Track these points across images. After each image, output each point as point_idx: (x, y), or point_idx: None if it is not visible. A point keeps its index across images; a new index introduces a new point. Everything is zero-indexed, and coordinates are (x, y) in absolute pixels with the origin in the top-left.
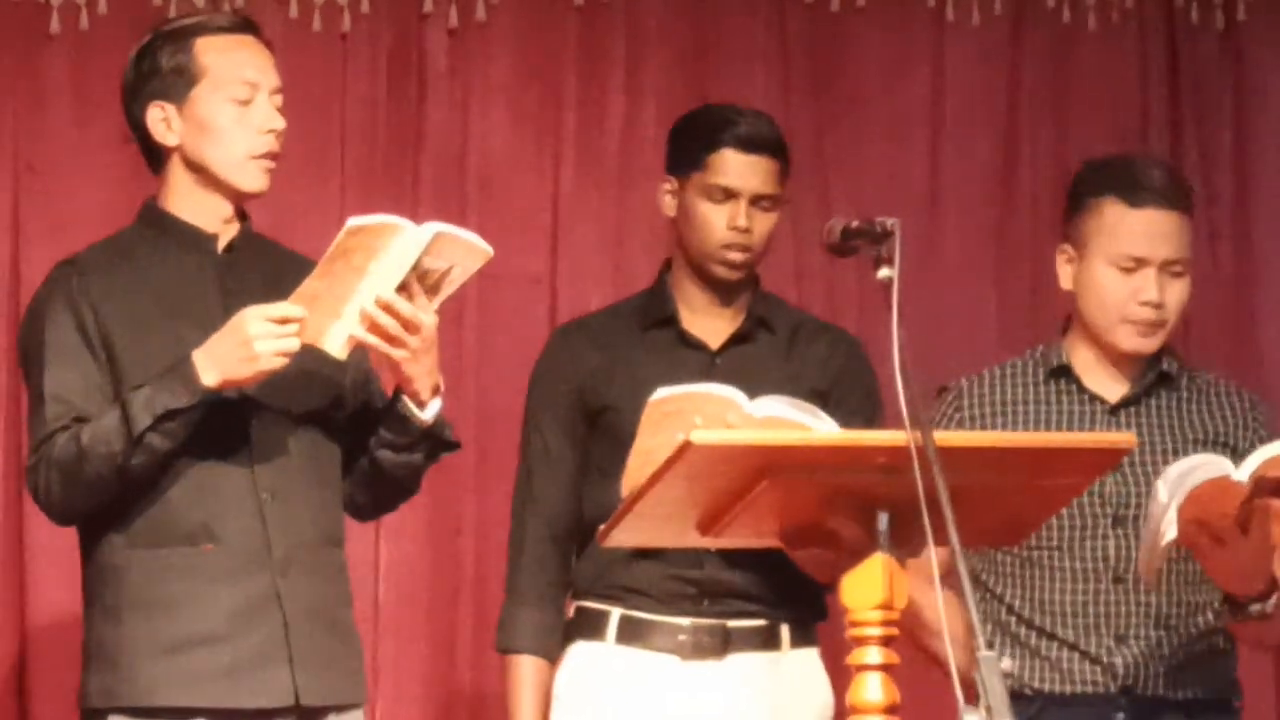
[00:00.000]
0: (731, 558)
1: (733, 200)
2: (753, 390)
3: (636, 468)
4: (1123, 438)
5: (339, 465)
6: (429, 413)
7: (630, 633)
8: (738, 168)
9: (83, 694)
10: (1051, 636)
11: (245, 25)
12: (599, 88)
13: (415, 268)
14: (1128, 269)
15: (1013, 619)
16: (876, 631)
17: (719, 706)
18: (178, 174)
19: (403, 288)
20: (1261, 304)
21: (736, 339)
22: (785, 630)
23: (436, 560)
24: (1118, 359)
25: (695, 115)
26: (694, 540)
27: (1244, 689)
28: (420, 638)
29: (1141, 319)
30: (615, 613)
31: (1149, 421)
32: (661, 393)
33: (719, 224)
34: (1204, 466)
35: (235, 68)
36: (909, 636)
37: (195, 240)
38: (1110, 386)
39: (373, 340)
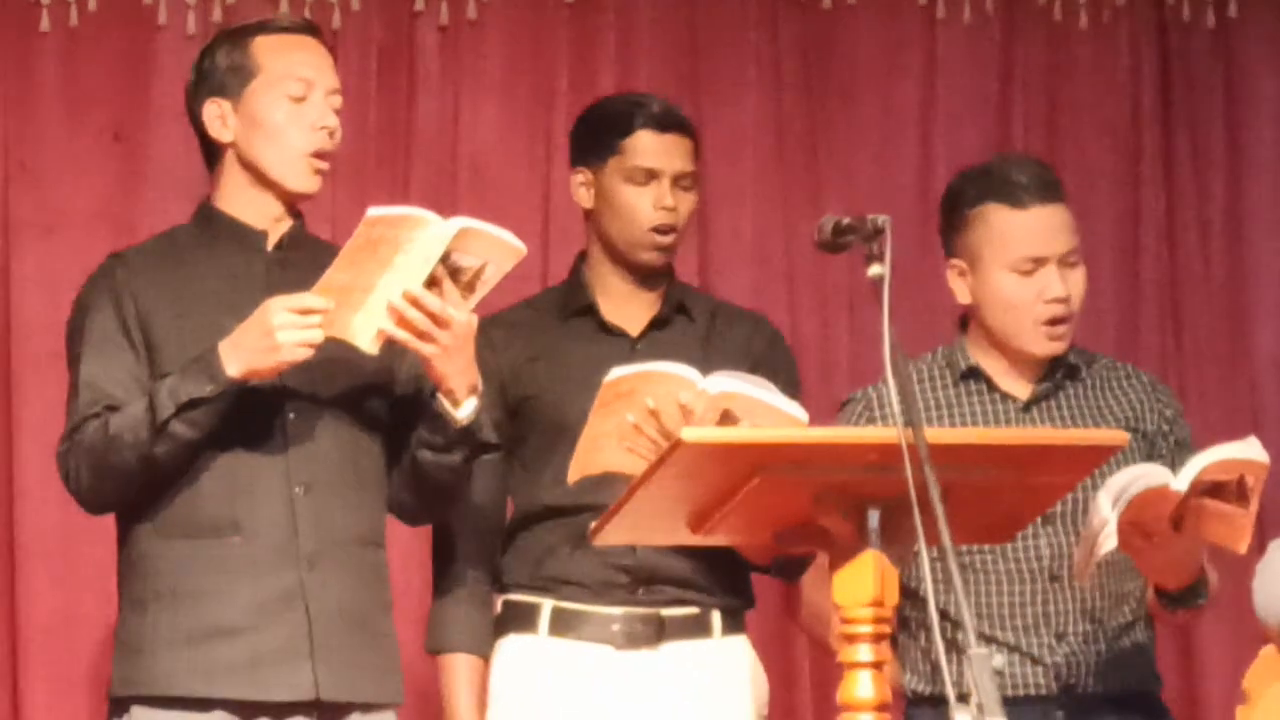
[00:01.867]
0: (665, 546)
1: (655, 181)
2: None
3: (586, 451)
4: (1113, 435)
5: (382, 464)
6: (464, 411)
7: (563, 624)
8: (657, 148)
9: (110, 682)
10: (991, 639)
11: (305, 27)
12: (590, 85)
13: (446, 263)
14: (1027, 271)
15: (948, 625)
16: (867, 629)
17: (655, 695)
18: (231, 171)
19: (434, 283)
20: (1253, 302)
21: (655, 325)
22: (716, 618)
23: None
24: (1026, 359)
25: (600, 106)
26: (685, 538)
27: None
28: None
29: (1052, 316)
30: (547, 604)
31: (1061, 416)
32: (615, 373)
33: (645, 207)
34: (1144, 477)
35: (291, 65)
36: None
37: (244, 237)
38: (1019, 385)
39: (401, 335)
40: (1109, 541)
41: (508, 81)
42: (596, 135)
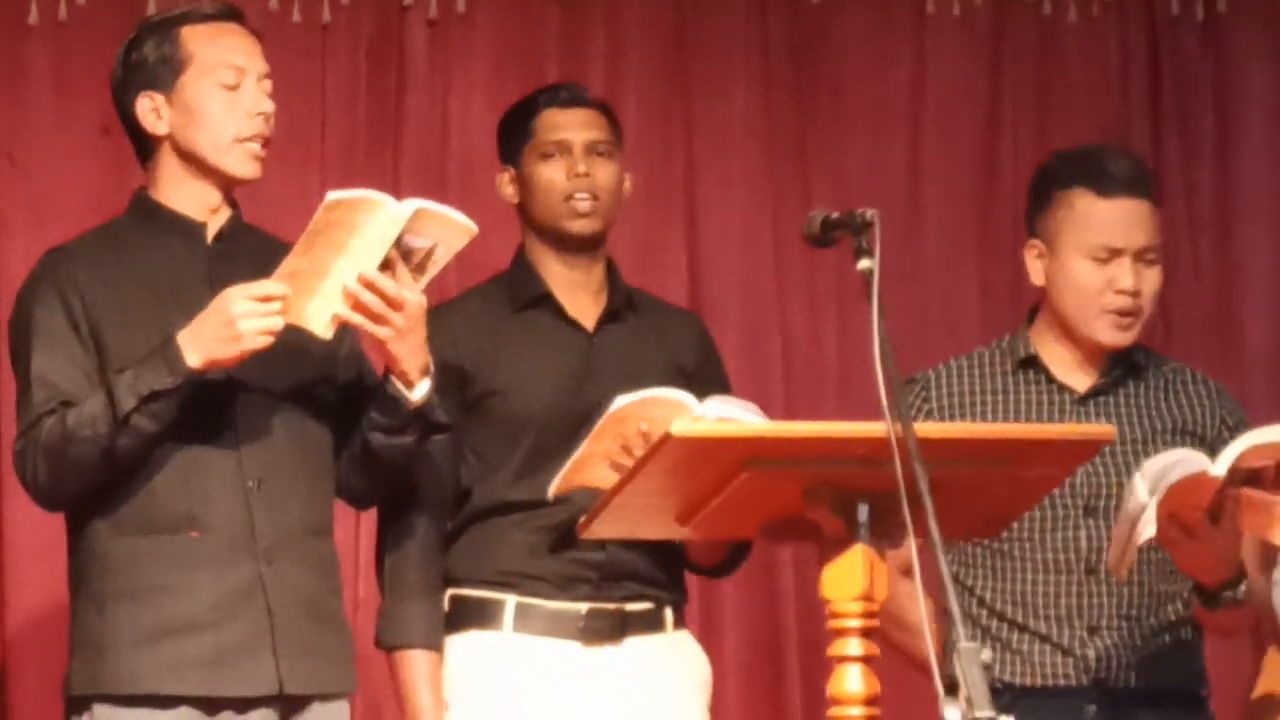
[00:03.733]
0: (629, 542)
1: (566, 154)
2: (632, 369)
3: (574, 469)
4: (1102, 429)
5: (330, 451)
6: (418, 393)
7: (528, 620)
8: (563, 121)
9: (67, 682)
10: (1023, 629)
11: (230, 13)
12: (579, 79)
13: (399, 245)
14: (1102, 259)
15: (984, 611)
16: (856, 623)
17: (618, 690)
18: (168, 163)
19: (386, 266)
20: (1243, 295)
21: (608, 318)
22: (669, 612)
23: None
24: (1088, 350)
25: (515, 104)
26: (674, 531)
27: (1210, 679)
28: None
29: (1119, 308)
30: (511, 600)
31: (1117, 412)
32: (619, 402)
33: (558, 178)
34: (1182, 463)
35: (221, 53)
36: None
37: (184, 229)
38: (1078, 377)
39: (357, 319)
40: (1148, 529)
41: (497, 76)
42: (510, 130)
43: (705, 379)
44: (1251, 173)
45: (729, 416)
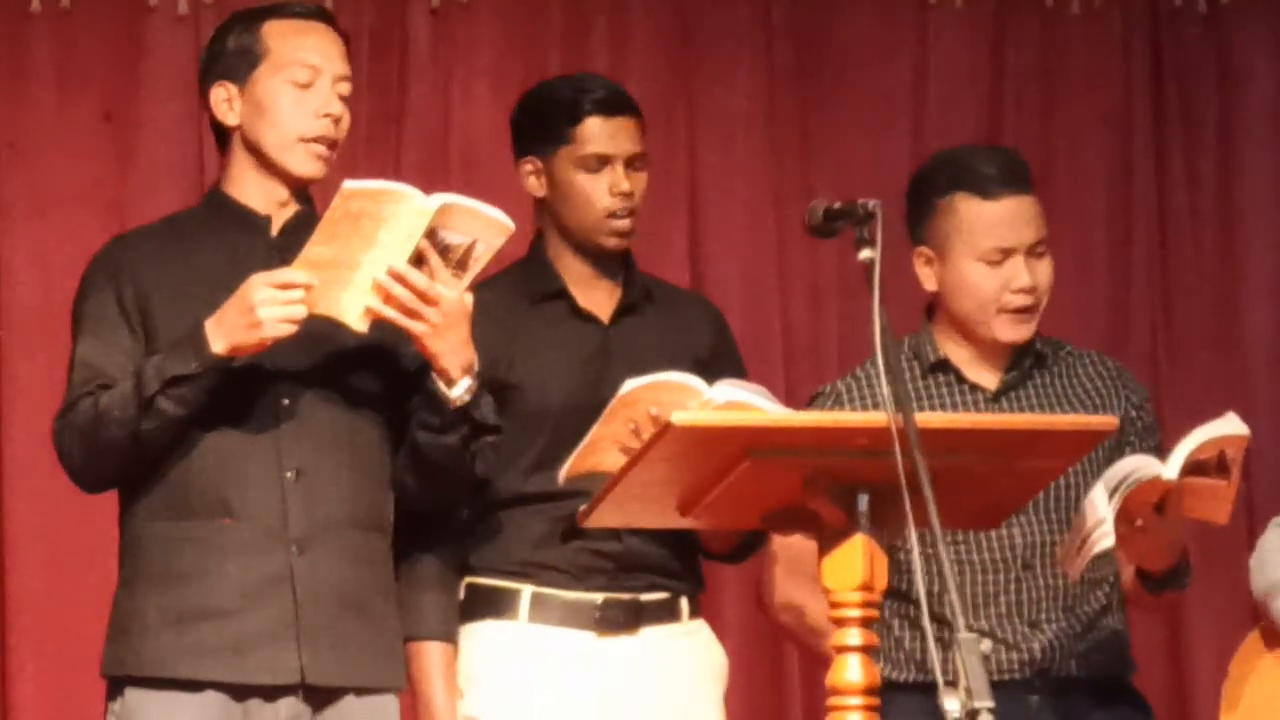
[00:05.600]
0: (646, 531)
1: (608, 167)
2: (648, 361)
3: (584, 454)
4: (1104, 420)
5: (384, 446)
6: (458, 391)
7: (543, 610)
8: (608, 132)
9: (103, 663)
10: (966, 628)
11: (318, 13)
12: (582, 68)
13: (434, 240)
14: (995, 261)
15: (921, 614)
16: (856, 613)
17: (635, 680)
18: (238, 156)
19: (421, 261)
20: (1244, 287)
21: (624, 310)
22: (684, 602)
23: None
24: (990, 348)
25: (542, 92)
26: (675, 521)
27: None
28: None
29: (1018, 306)
30: (527, 590)
31: (1029, 405)
32: (628, 385)
33: (600, 193)
34: (1138, 471)
35: (298, 51)
36: (795, 640)
37: (248, 222)
38: (987, 375)
39: (389, 313)
40: (1105, 540)
41: (500, 64)
42: (543, 124)
43: (719, 365)
44: (1253, 164)
45: (738, 400)
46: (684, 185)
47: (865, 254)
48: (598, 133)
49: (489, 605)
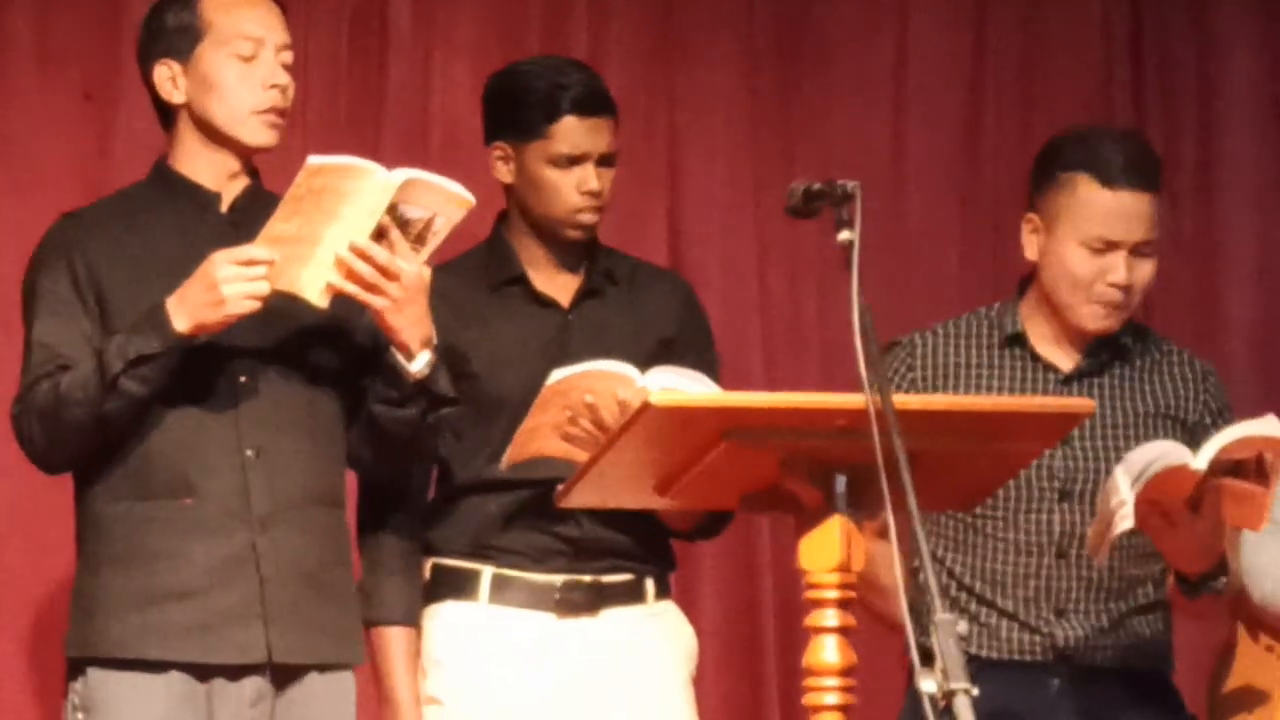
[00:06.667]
0: (605, 515)
1: (580, 165)
2: (608, 345)
3: (522, 441)
4: (1081, 403)
5: (339, 421)
6: (417, 365)
7: (504, 592)
8: (582, 133)
9: (66, 644)
10: (991, 605)
11: None
12: (562, 47)
13: (394, 215)
14: (1098, 250)
15: (953, 584)
16: (833, 594)
17: (594, 662)
18: (186, 131)
19: (382, 235)
20: (1224, 271)
21: (585, 294)
22: (650, 583)
23: None
24: (1073, 332)
25: (518, 80)
26: (652, 501)
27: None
28: None
29: (1108, 300)
30: (487, 571)
31: (1100, 395)
32: (556, 375)
33: (569, 191)
34: (1164, 456)
35: (239, 23)
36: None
37: (198, 198)
38: (1064, 357)
39: (350, 288)
40: (1125, 522)
41: (480, 45)
42: (517, 114)
43: (687, 342)
44: (1233, 148)
45: (672, 388)
46: (664, 166)
47: (844, 235)
48: (572, 132)
49: (450, 586)
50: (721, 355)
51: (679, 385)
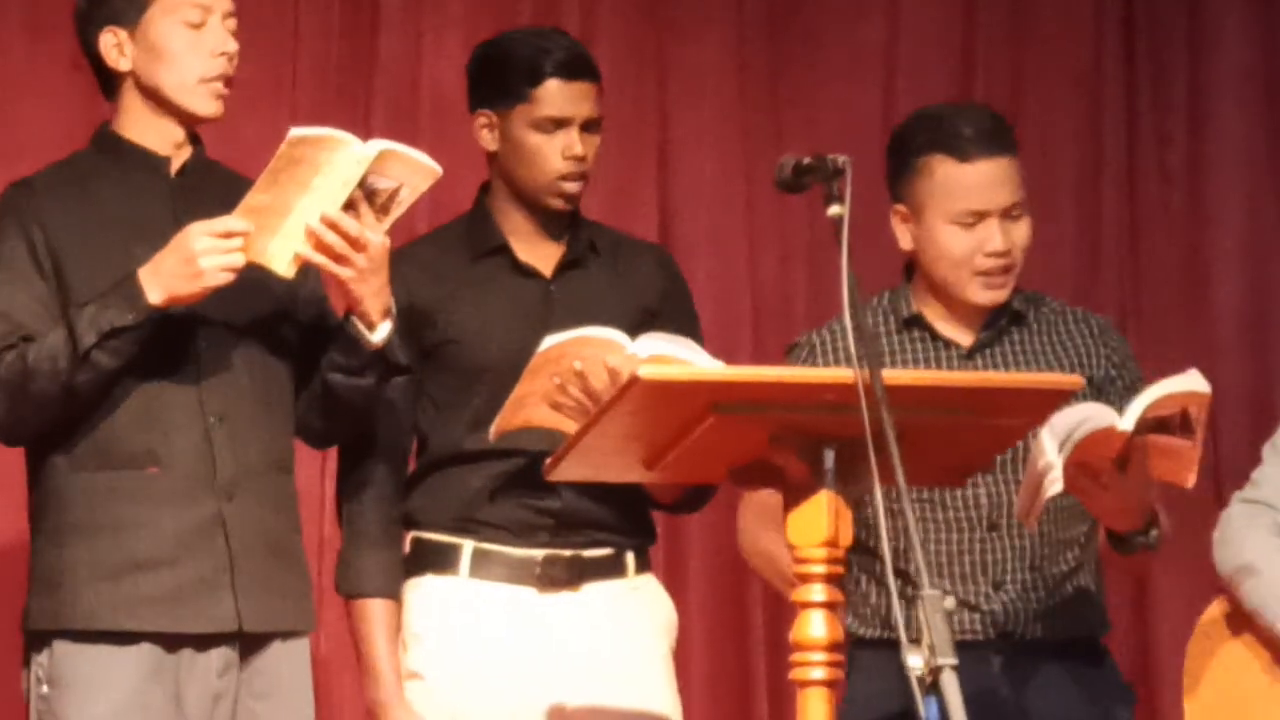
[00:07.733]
0: (586, 489)
1: (563, 130)
2: (591, 315)
3: (511, 410)
4: (1070, 379)
5: (291, 389)
6: (379, 335)
7: (485, 566)
8: (566, 96)
9: (25, 617)
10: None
11: None
12: (553, 21)
13: (363, 186)
14: (969, 224)
15: (880, 566)
16: (821, 569)
17: (575, 636)
18: (131, 99)
19: (350, 206)
20: (1213, 247)
21: (568, 264)
22: (630, 557)
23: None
24: (966, 308)
25: (502, 47)
26: (640, 475)
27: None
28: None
29: (991, 269)
30: (468, 545)
31: (1004, 363)
32: (548, 341)
33: (553, 155)
34: (1090, 420)
35: None
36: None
37: (148, 163)
38: (962, 332)
39: (319, 259)
40: (1054, 486)
41: (470, 17)
42: (502, 80)
43: (669, 315)
44: (1223, 125)
45: (662, 354)
46: (654, 140)
47: (834, 210)
48: (556, 95)
49: (431, 560)
50: (711, 330)
51: (669, 351)
